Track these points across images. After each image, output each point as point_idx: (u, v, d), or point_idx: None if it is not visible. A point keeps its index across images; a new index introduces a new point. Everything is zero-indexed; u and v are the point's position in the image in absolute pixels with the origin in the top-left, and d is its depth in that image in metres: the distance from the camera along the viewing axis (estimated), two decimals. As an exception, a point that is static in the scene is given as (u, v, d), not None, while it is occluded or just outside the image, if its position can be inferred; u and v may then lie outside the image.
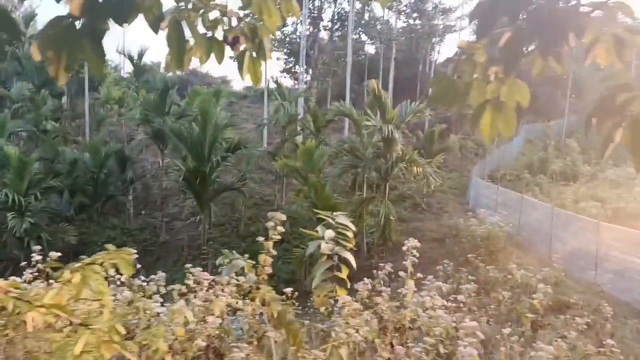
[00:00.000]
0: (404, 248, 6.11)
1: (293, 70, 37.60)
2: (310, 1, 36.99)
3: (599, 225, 12.33)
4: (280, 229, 3.39)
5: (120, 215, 26.62)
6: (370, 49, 46.85)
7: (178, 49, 1.97)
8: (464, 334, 3.84)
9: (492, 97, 2.09)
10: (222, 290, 4.16)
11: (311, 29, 36.70)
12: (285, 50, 38.72)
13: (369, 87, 17.39)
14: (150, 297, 4.39)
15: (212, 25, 2.12)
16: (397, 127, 14.94)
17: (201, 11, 2.07)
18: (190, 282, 4.54)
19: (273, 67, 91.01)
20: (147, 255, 21.58)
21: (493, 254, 14.07)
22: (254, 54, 2.26)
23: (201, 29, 2.09)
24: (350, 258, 5.88)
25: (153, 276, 5.04)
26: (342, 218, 6.50)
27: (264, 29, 2.23)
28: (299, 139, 21.46)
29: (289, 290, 5.23)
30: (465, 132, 35.92)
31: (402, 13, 42.27)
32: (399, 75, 45.35)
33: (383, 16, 43.76)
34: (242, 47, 2.21)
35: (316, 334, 4.89)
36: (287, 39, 38.19)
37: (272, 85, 28.84)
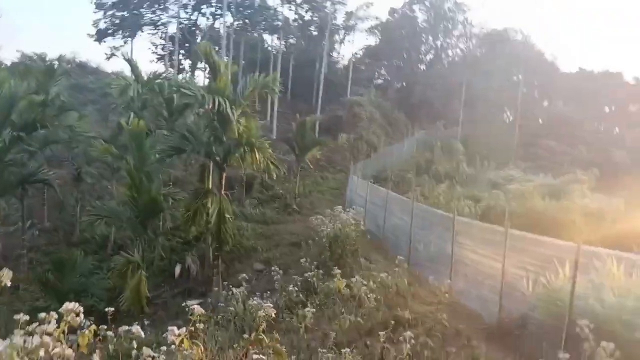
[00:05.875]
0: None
1: (172, 57, 33.45)
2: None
3: (454, 222, 10.26)
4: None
5: None
6: (266, 42, 44.10)
7: None
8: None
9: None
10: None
11: (191, 13, 33.02)
12: (160, 35, 34.52)
13: (199, 50, 14.34)
14: None
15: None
16: (233, 102, 11.97)
17: None
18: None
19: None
20: None
21: (341, 258, 11.58)
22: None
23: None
24: None
25: None
26: None
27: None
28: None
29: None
30: (358, 133, 34.34)
31: (291, 2, 40.00)
32: (297, 72, 43.12)
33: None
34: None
35: None
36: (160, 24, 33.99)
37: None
